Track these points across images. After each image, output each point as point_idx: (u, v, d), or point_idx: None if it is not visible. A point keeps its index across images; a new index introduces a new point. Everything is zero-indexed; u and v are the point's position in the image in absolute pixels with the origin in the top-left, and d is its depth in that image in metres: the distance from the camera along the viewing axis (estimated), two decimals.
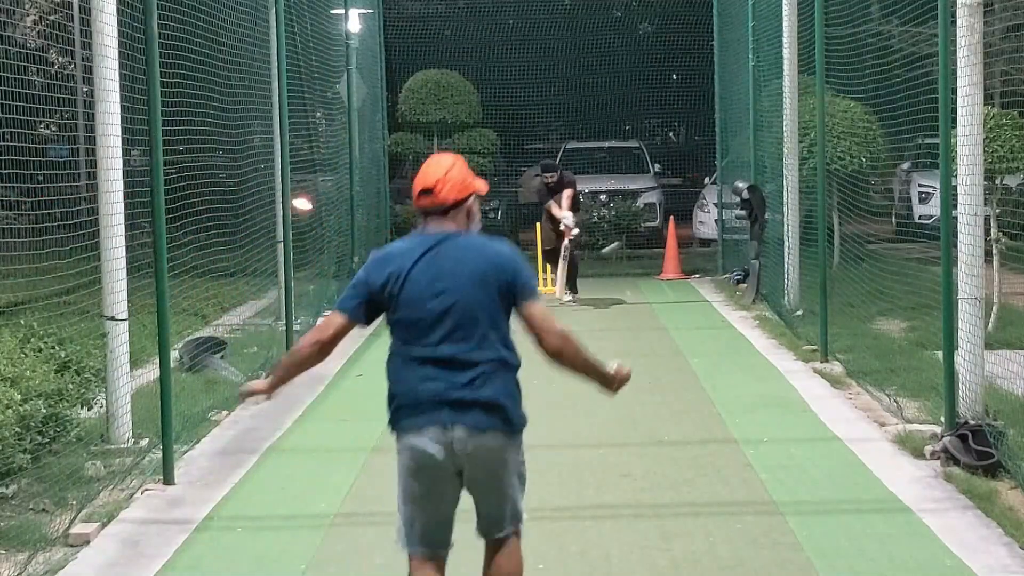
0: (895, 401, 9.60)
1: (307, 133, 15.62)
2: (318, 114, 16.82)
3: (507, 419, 4.73)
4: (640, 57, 25.36)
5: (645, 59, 25.31)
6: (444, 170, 4.82)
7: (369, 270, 4.81)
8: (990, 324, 11.34)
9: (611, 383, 4.96)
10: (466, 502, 4.94)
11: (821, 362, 11.70)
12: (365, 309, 4.78)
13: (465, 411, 4.64)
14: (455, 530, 4.96)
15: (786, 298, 14.36)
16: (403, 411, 4.72)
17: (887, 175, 17.16)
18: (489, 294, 4.69)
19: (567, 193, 16.23)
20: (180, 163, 9.96)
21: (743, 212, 16.17)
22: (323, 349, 4.81)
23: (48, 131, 12.85)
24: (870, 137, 15.25)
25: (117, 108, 8.43)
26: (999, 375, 8.84)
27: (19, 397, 7.03)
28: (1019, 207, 11.48)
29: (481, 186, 4.92)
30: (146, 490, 7.92)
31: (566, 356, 4.75)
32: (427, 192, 4.82)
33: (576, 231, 16.41)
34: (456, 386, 4.64)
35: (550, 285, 16.95)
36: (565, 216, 16.14)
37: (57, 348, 7.97)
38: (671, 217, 20.57)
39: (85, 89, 10.11)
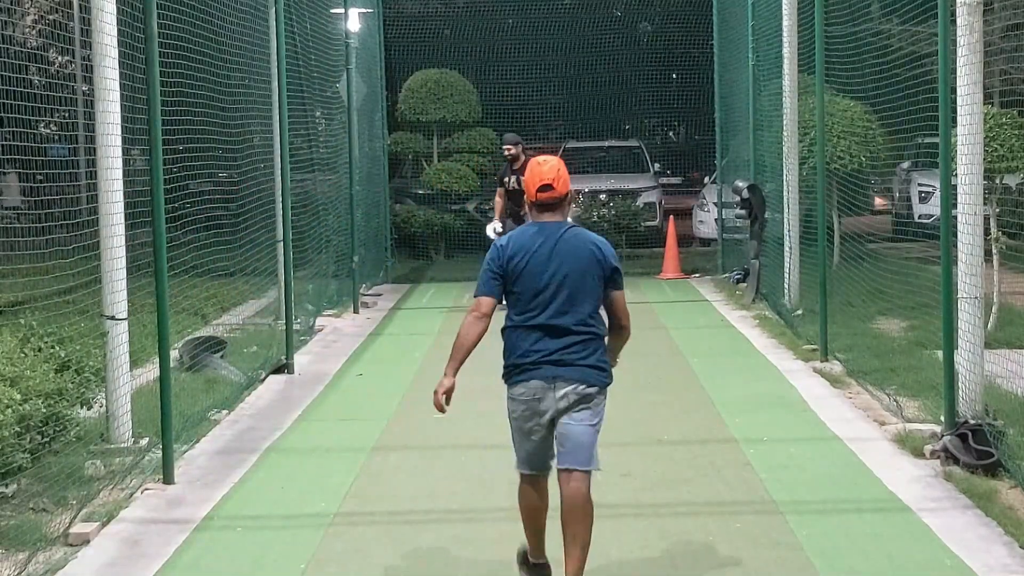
0: (895, 400, 9.61)
1: (307, 132, 15.61)
2: (317, 113, 16.80)
3: (598, 378, 5.81)
4: (640, 56, 25.32)
5: (645, 58, 25.27)
6: (556, 169, 5.89)
7: (497, 254, 5.86)
8: (990, 323, 11.34)
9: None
10: None
11: (821, 361, 11.70)
12: (500, 287, 5.84)
13: (565, 368, 5.73)
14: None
15: (786, 297, 14.37)
16: (515, 367, 5.81)
17: (887, 174, 17.16)
18: (591, 278, 5.79)
19: None
20: (180, 162, 9.94)
21: (743, 211, 16.16)
22: (484, 322, 5.82)
23: (48, 131, 12.84)
24: (870, 136, 15.26)
25: (117, 108, 8.43)
26: (999, 374, 8.83)
27: (19, 397, 7.03)
28: (1019, 206, 11.47)
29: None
30: (146, 490, 7.92)
31: (616, 336, 5.95)
32: (547, 187, 5.86)
33: None
34: (559, 349, 5.73)
35: None
36: None
37: (57, 348, 7.97)
38: (671, 216, 20.60)
39: (85, 89, 10.10)
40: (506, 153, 15.98)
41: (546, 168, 5.90)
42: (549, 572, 6.04)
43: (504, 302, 5.90)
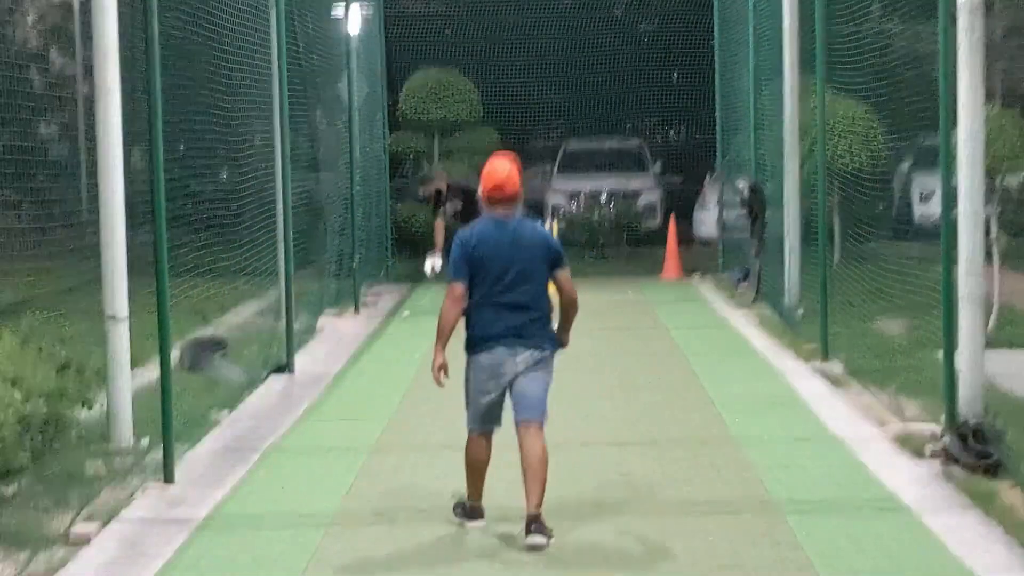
0: (895, 400, 9.61)
1: (307, 132, 15.59)
2: (318, 113, 16.78)
3: (550, 345, 6.81)
4: (640, 56, 25.30)
5: (645, 58, 25.25)
6: (508, 172, 6.82)
7: (463, 243, 6.77)
8: (990, 323, 11.33)
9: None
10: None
11: (821, 361, 11.70)
12: (468, 272, 6.72)
13: (526, 339, 6.71)
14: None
15: (786, 297, 14.36)
16: (480, 338, 6.73)
17: (887, 174, 17.13)
18: (541, 263, 6.76)
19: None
20: (180, 162, 9.94)
21: (743, 211, 16.15)
22: (460, 303, 6.75)
23: (48, 131, 12.84)
24: (871, 136, 15.24)
25: (117, 108, 8.43)
26: (999, 374, 8.83)
27: (20, 397, 7.03)
28: (1020, 206, 11.47)
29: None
30: (147, 489, 7.92)
31: (564, 309, 6.90)
32: (500, 188, 6.78)
33: None
34: (521, 323, 6.70)
35: None
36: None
37: (58, 348, 7.97)
38: (672, 216, 20.58)
39: (85, 89, 10.11)
40: (429, 193, 15.76)
41: (500, 171, 6.83)
42: (483, 512, 6.92)
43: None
